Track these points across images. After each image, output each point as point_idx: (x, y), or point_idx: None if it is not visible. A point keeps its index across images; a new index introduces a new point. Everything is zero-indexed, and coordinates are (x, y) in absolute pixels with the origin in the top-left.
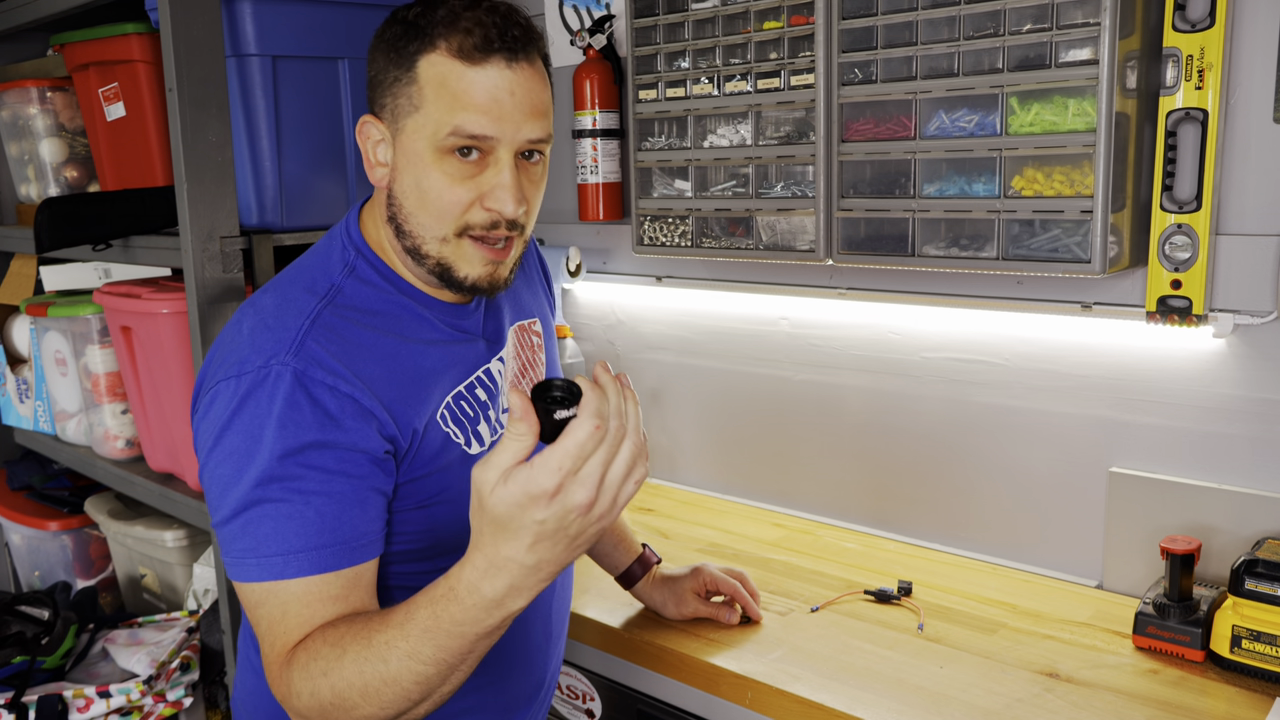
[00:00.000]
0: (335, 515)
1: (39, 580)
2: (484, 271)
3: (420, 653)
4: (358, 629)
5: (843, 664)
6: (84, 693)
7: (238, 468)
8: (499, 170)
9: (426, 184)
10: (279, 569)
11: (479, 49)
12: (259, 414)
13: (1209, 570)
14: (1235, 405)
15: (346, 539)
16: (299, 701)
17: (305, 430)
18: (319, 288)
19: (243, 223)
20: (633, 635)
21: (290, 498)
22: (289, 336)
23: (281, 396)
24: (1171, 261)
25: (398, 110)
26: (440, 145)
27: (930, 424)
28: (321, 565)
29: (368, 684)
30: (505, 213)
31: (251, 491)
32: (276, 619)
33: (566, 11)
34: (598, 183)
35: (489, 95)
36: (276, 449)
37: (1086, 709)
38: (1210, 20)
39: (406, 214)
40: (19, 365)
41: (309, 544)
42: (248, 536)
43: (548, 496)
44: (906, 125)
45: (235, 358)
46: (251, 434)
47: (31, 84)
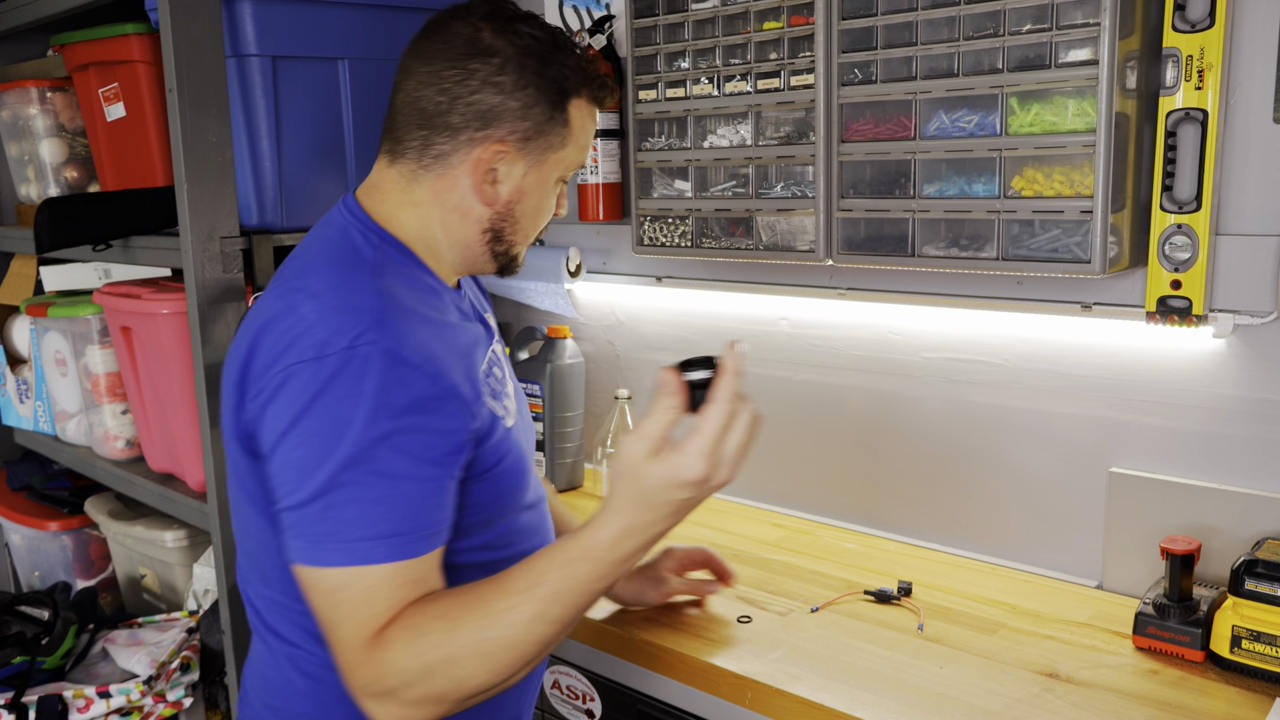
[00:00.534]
0: (421, 502)
1: (39, 580)
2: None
3: (549, 614)
4: (469, 601)
5: (843, 664)
6: (84, 693)
7: (322, 450)
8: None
9: (544, 205)
10: (365, 554)
11: (604, 98)
12: (347, 395)
13: (1209, 570)
14: (1235, 405)
15: (426, 525)
16: (393, 678)
17: (401, 414)
18: (361, 267)
19: (243, 223)
20: (632, 635)
21: (377, 482)
22: (366, 316)
23: (373, 377)
24: (1171, 262)
25: (547, 145)
26: (564, 176)
27: (930, 424)
28: (406, 551)
29: (490, 649)
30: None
31: (338, 475)
32: (361, 603)
33: (566, 11)
34: (598, 183)
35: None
36: (367, 432)
37: (1086, 709)
38: (1210, 20)
39: (520, 228)
40: (19, 365)
41: (395, 530)
42: (328, 520)
43: (694, 483)
44: (906, 125)
45: (311, 340)
46: (338, 416)
47: (31, 84)
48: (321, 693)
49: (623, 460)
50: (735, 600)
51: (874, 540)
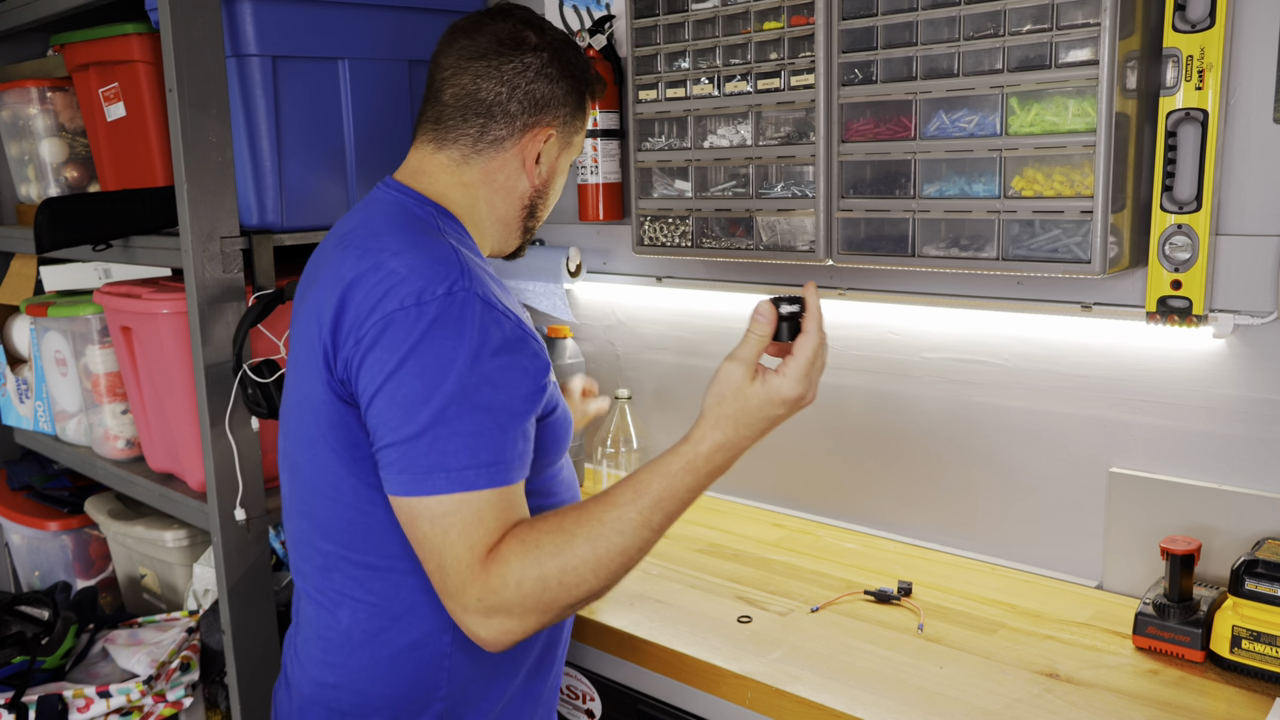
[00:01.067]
0: (515, 434)
1: (39, 580)
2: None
3: (651, 521)
4: (579, 515)
5: (843, 664)
6: (84, 693)
7: (430, 385)
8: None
9: (562, 183)
10: (471, 480)
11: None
12: (450, 336)
13: (1209, 570)
14: (1235, 405)
15: (521, 455)
16: (509, 590)
17: (498, 353)
18: (430, 230)
19: (243, 223)
20: (633, 635)
21: (479, 416)
22: (456, 268)
23: (472, 320)
24: (1171, 262)
25: (575, 129)
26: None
27: (930, 424)
28: (505, 478)
29: (601, 558)
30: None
31: (444, 409)
32: (473, 524)
33: (566, 11)
34: (598, 183)
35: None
36: (470, 369)
37: (1086, 709)
38: (1210, 20)
39: (548, 204)
40: (19, 365)
41: (496, 459)
42: (435, 451)
43: (792, 401)
44: (906, 125)
45: (409, 289)
46: (443, 355)
47: (31, 84)
48: (381, 644)
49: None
50: (735, 600)
51: (874, 540)
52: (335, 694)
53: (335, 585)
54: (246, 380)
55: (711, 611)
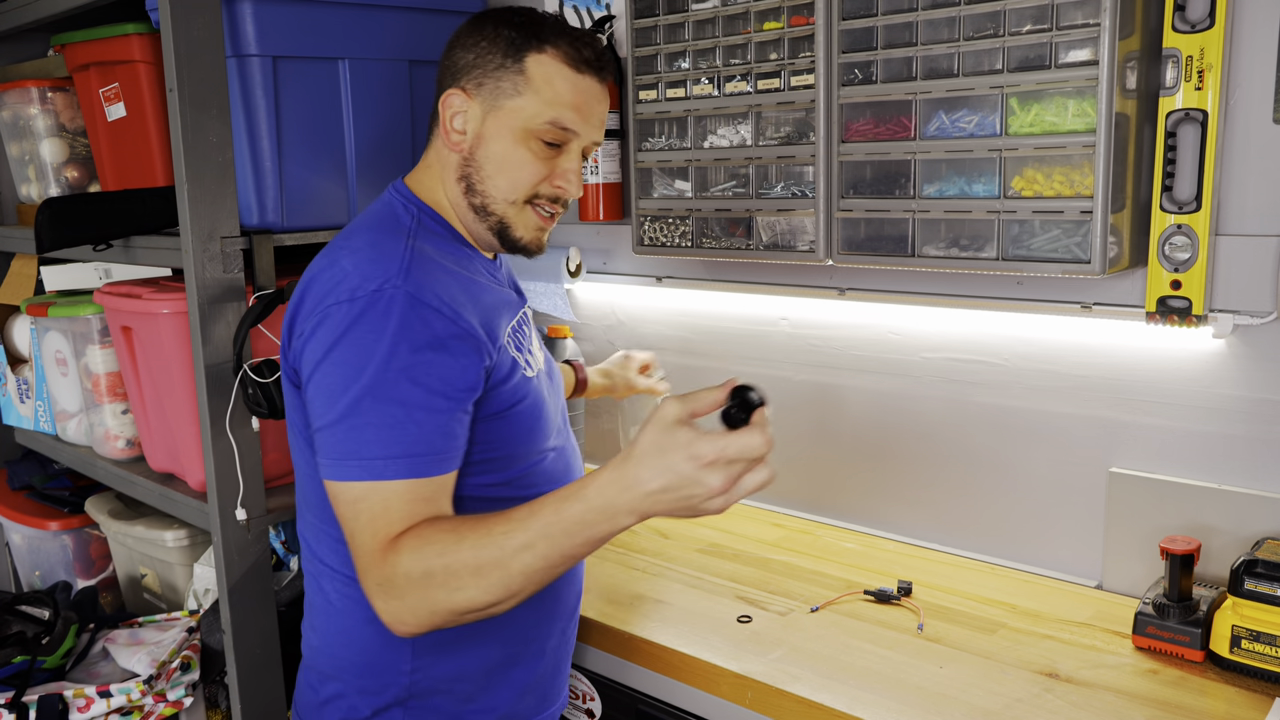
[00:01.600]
0: (432, 429)
1: (39, 580)
2: (535, 235)
3: (535, 545)
4: (474, 522)
5: (843, 664)
6: (84, 692)
7: (348, 377)
8: (570, 159)
9: (511, 156)
10: (379, 470)
11: (585, 62)
12: (373, 331)
13: (1209, 570)
14: (1235, 405)
15: (440, 451)
16: (400, 579)
17: (418, 350)
18: (397, 230)
19: (243, 223)
20: (633, 635)
21: (394, 409)
22: (395, 266)
23: (395, 316)
24: (1171, 262)
25: (499, 91)
26: (535, 130)
27: (930, 424)
28: (416, 471)
29: (481, 566)
30: (570, 193)
31: (359, 401)
32: (379, 512)
33: (566, 11)
34: (598, 183)
35: (583, 100)
36: (389, 365)
37: (1086, 709)
38: (1210, 21)
39: (484, 175)
40: (19, 365)
41: (408, 451)
42: (351, 440)
43: (699, 460)
44: (906, 126)
45: (346, 286)
46: (364, 348)
47: (32, 84)
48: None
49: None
50: (735, 600)
51: (874, 540)
52: (317, 656)
53: (319, 554)
54: (247, 380)
55: (711, 611)
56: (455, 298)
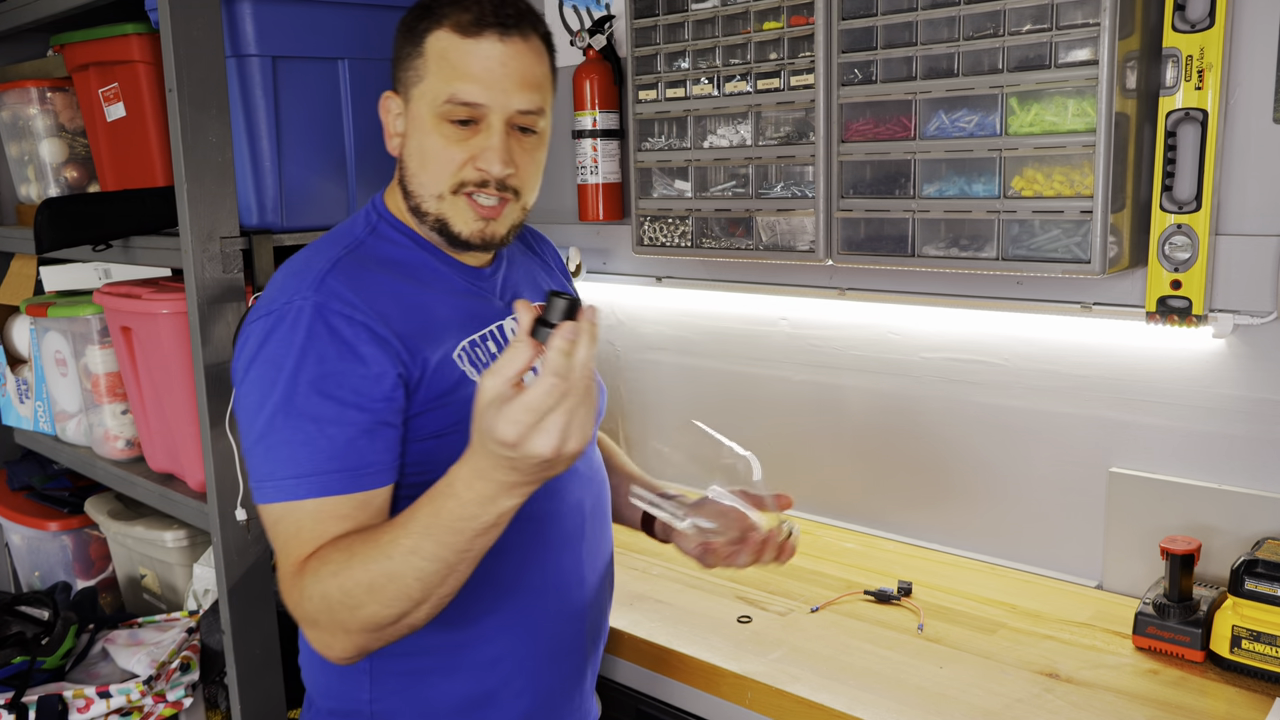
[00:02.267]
0: (346, 443)
1: (39, 580)
2: (477, 227)
3: (422, 548)
4: (366, 534)
5: (843, 664)
6: (84, 693)
7: (261, 397)
8: (490, 135)
9: (427, 146)
10: (291, 490)
11: (475, 24)
12: (282, 346)
13: (1209, 570)
14: (1235, 405)
15: (355, 466)
16: (309, 605)
17: (325, 360)
18: (343, 241)
19: (243, 223)
20: (633, 635)
21: (306, 425)
22: (312, 277)
23: (303, 328)
24: (1171, 262)
25: (408, 82)
26: (439, 112)
27: (930, 424)
28: (329, 488)
29: (374, 580)
30: (493, 172)
31: (272, 419)
32: (291, 535)
33: (566, 12)
34: (598, 183)
35: (482, 66)
36: (297, 379)
37: (1086, 709)
38: (1210, 20)
39: (410, 174)
40: (19, 365)
41: (320, 468)
42: (268, 461)
43: (508, 445)
44: (906, 125)
45: (262, 302)
46: (276, 364)
47: (31, 84)
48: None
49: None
50: (735, 600)
51: (874, 540)
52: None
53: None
54: None
55: (711, 611)
56: (380, 305)
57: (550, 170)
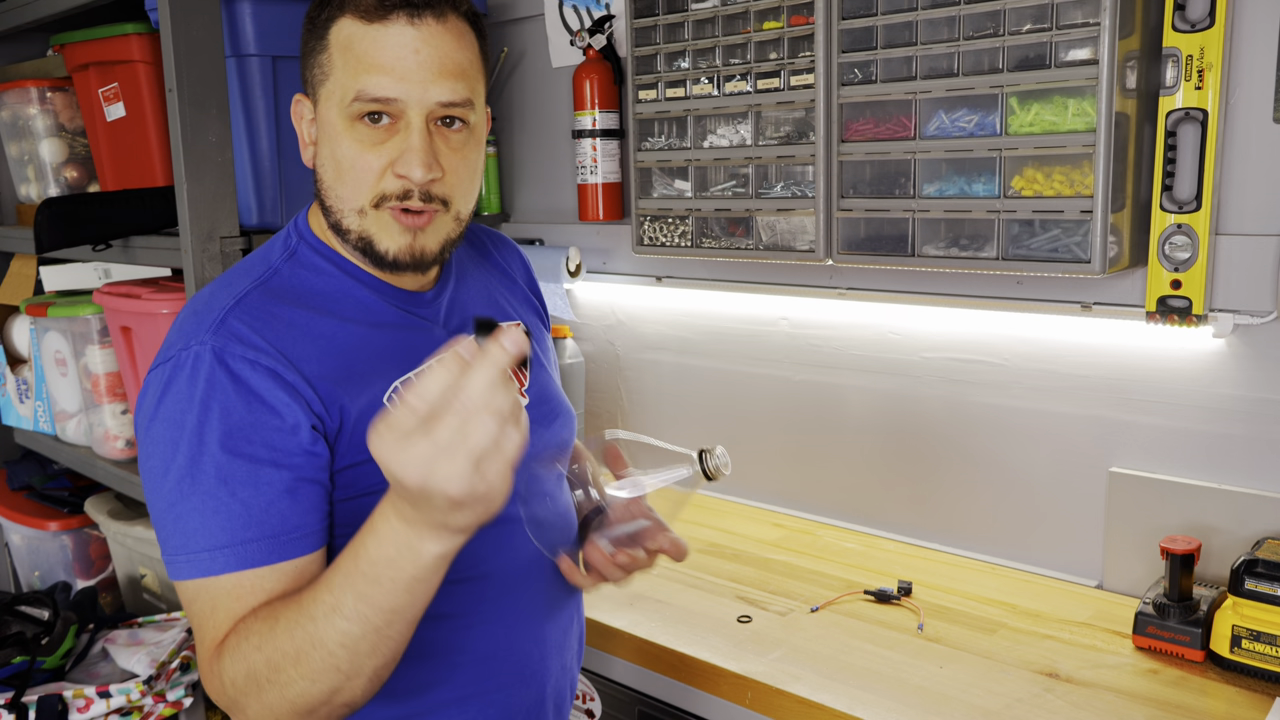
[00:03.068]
0: (263, 508)
1: (39, 580)
2: (403, 243)
3: (343, 605)
4: (291, 600)
5: (843, 664)
6: (84, 693)
7: (164, 460)
8: (407, 134)
9: (340, 153)
10: (205, 565)
11: (379, 6)
12: (181, 400)
13: (1209, 570)
14: (1235, 405)
15: (275, 532)
16: (232, 689)
17: (230, 414)
18: (255, 272)
19: (243, 223)
20: (633, 635)
21: (216, 490)
22: (213, 318)
23: (203, 378)
24: (1171, 261)
25: (315, 81)
26: (348, 112)
27: (930, 424)
28: (248, 560)
29: (299, 648)
30: (413, 177)
31: (179, 485)
32: (206, 615)
33: (566, 12)
34: (597, 183)
35: (391, 54)
36: (201, 437)
37: (1086, 709)
38: (1210, 20)
39: (326, 187)
40: (19, 365)
41: (235, 538)
42: (178, 533)
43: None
44: (906, 125)
45: (164, 345)
46: (175, 423)
47: (31, 84)
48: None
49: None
50: (735, 600)
51: (874, 540)
52: None
53: None
54: None
55: (711, 611)
56: (290, 347)
57: (550, 170)
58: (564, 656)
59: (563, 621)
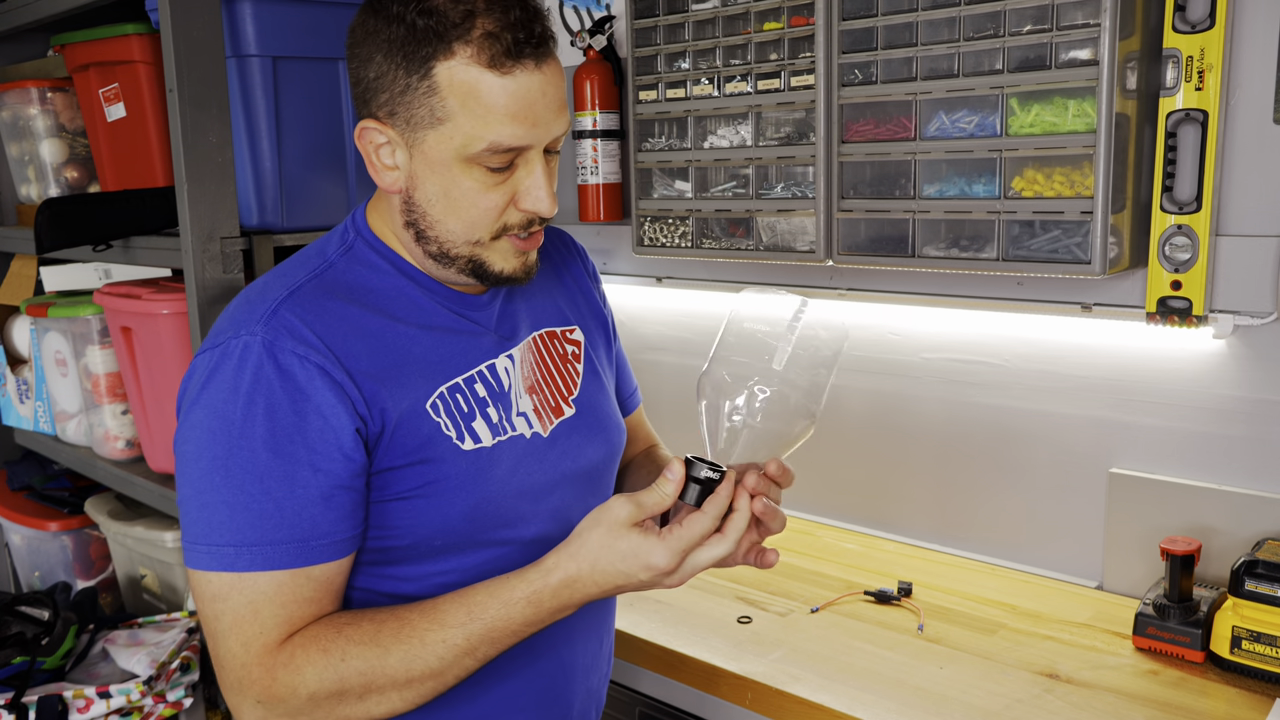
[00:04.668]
0: (296, 510)
1: (39, 580)
2: (518, 264)
3: (478, 650)
4: (399, 628)
5: (843, 664)
6: (84, 693)
7: (199, 446)
8: (531, 172)
9: (457, 193)
10: (230, 559)
11: (509, 55)
12: (226, 389)
13: (1209, 571)
14: (1235, 406)
15: (306, 536)
16: (304, 699)
17: (275, 411)
18: (311, 264)
19: (243, 223)
20: (633, 635)
21: (249, 485)
22: (265, 308)
23: (250, 369)
24: (1171, 262)
25: (415, 120)
26: (471, 157)
27: (930, 424)
28: (275, 561)
29: (413, 679)
30: (542, 213)
31: (210, 474)
32: (246, 616)
33: (567, 12)
34: (598, 183)
35: (524, 104)
36: (242, 430)
37: (1086, 709)
38: (1210, 21)
39: (432, 221)
40: (19, 366)
41: (264, 538)
42: (202, 522)
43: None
44: (907, 126)
45: (214, 330)
46: (217, 410)
47: (32, 84)
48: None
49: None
50: (735, 600)
51: (874, 540)
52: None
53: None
54: None
55: (711, 611)
56: (340, 343)
57: None
58: (590, 680)
59: (591, 646)
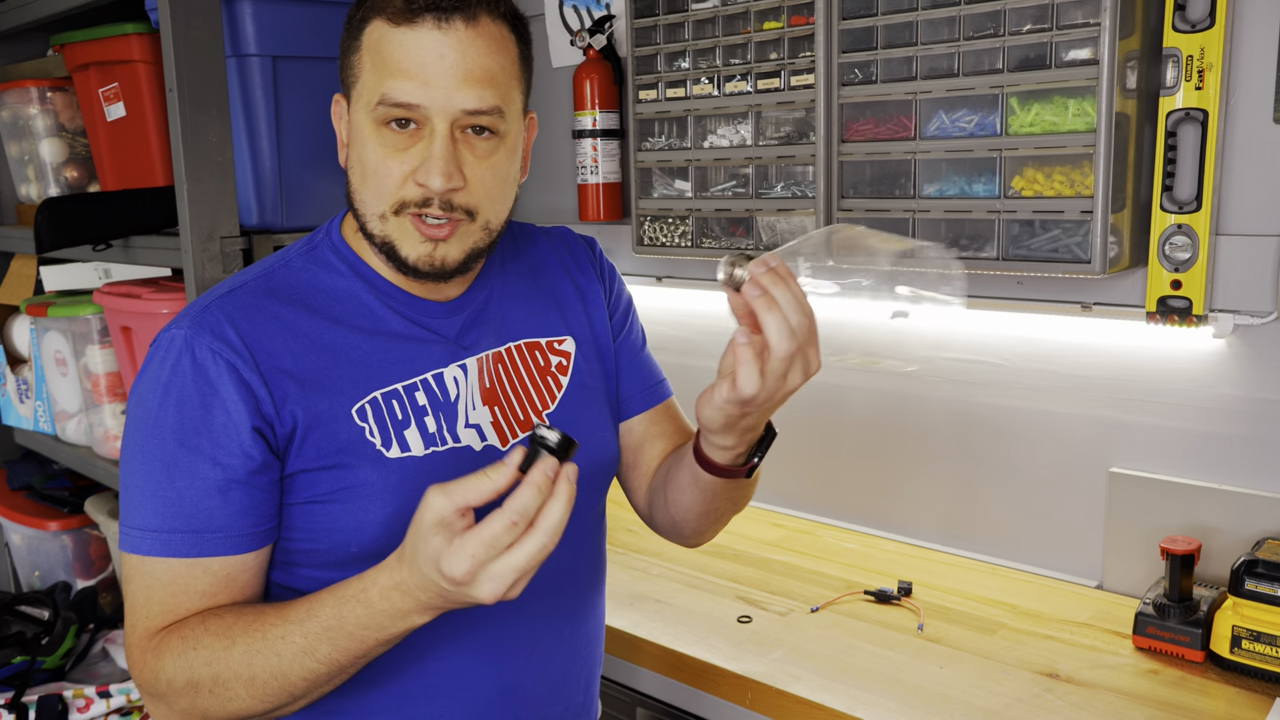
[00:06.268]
0: (194, 500)
1: (39, 580)
2: (422, 251)
3: (316, 650)
4: (248, 621)
5: (843, 664)
6: (84, 693)
7: (127, 431)
8: (432, 143)
9: (365, 157)
10: (136, 542)
11: (408, 8)
12: (149, 379)
13: (1209, 570)
14: (1235, 405)
15: (200, 528)
16: (165, 686)
17: (185, 403)
18: (268, 264)
19: (243, 223)
20: (633, 635)
21: (157, 473)
22: (202, 304)
23: (170, 362)
24: (1171, 262)
25: (347, 82)
26: (375, 115)
27: (930, 424)
28: (171, 549)
29: (255, 676)
30: (432, 186)
31: (131, 459)
32: (140, 597)
33: (566, 12)
34: (598, 183)
35: (416, 59)
36: (157, 419)
37: (1086, 709)
38: (1210, 20)
39: (354, 190)
40: (19, 365)
41: (163, 525)
42: (126, 503)
43: (451, 580)
44: (907, 125)
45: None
46: (142, 399)
47: (31, 84)
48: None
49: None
50: (735, 600)
51: (874, 540)
52: None
53: None
54: None
55: (711, 611)
56: (265, 343)
57: (550, 170)
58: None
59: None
